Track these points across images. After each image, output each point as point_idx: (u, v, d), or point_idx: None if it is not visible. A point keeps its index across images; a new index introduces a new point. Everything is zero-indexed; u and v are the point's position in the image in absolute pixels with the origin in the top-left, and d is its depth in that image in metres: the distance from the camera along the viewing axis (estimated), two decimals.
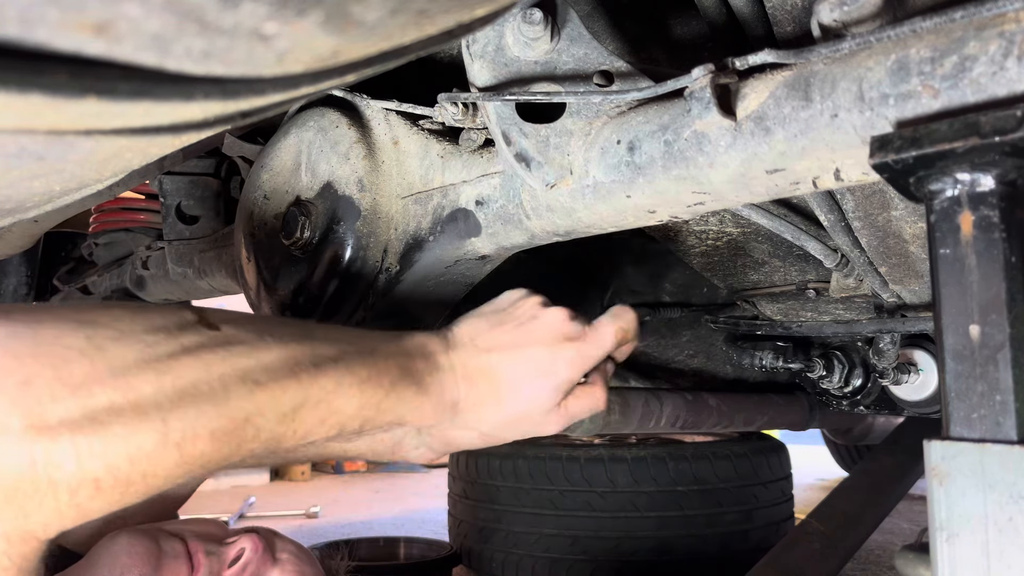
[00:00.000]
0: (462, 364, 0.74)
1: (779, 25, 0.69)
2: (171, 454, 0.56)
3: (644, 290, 1.65)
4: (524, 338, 0.75)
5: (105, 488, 0.53)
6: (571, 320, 0.77)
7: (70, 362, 0.52)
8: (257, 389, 0.60)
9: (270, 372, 0.61)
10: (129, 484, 0.55)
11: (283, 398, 0.61)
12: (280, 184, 0.96)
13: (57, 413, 0.50)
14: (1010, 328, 0.48)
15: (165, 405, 0.55)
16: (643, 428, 1.67)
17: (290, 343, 0.64)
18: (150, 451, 0.54)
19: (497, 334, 0.76)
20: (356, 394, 0.66)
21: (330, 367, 0.65)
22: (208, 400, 0.57)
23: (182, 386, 0.56)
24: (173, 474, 0.57)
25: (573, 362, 0.75)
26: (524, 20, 0.70)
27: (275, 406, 0.61)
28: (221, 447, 0.58)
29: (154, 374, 0.55)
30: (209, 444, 0.57)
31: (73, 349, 0.53)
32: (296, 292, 0.93)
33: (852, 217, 0.87)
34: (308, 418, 0.63)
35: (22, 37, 0.32)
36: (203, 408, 0.57)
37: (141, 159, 0.59)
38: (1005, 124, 0.46)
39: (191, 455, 0.57)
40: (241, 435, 0.59)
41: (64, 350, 0.52)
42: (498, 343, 0.75)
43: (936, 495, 0.49)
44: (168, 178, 1.56)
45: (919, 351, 1.44)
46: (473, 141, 0.82)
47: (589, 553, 1.94)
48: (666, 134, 0.64)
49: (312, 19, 0.35)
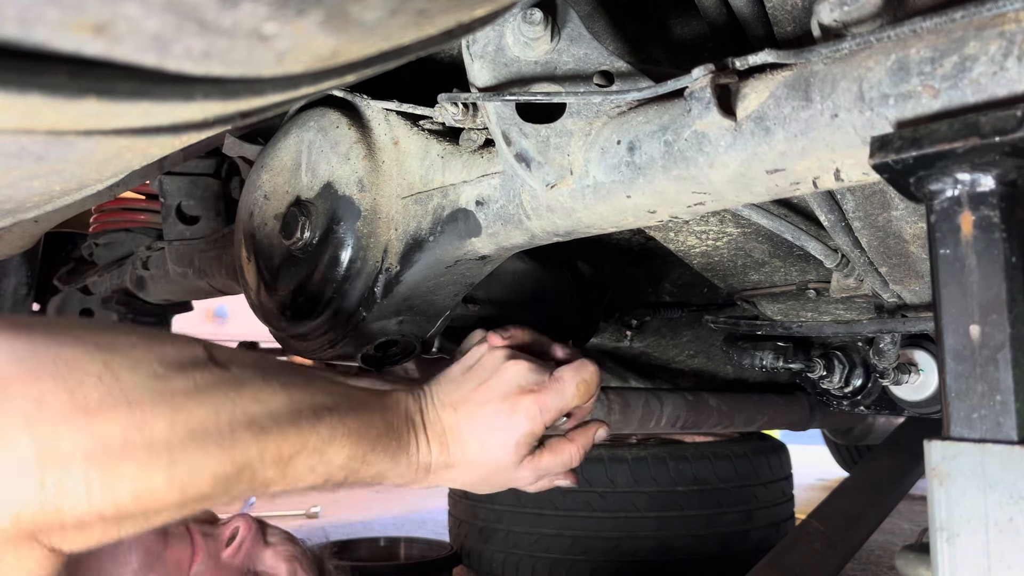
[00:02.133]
0: (432, 424, 0.77)
1: (779, 25, 0.69)
2: (174, 494, 0.56)
3: (644, 290, 1.65)
4: (486, 394, 0.78)
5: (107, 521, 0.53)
6: (531, 372, 0.80)
7: (86, 387, 0.52)
8: (262, 435, 0.60)
9: (274, 418, 0.62)
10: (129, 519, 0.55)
11: (284, 446, 0.62)
12: (280, 184, 0.96)
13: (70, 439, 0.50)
14: (1010, 328, 0.48)
15: (176, 445, 0.55)
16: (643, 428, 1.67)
17: (292, 389, 0.65)
18: (155, 490, 0.54)
19: (463, 393, 0.79)
20: (347, 445, 0.68)
21: (326, 416, 0.66)
22: (216, 443, 0.57)
23: (192, 427, 0.56)
24: (171, 514, 0.58)
25: (531, 414, 0.78)
26: (524, 20, 0.70)
27: (275, 453, 0.62)
28: (218, 489, 0.59)
29: (167, 411, 0.55)
30: (209, 486, 0.58)
31: (91, 375, 0.53)
32: (296, 292, 0.93)
33: (852, 217, 0.87)
34: (301, 466, 0.64)
35: (22, 37, 0.32)
36: (211, 451, 0.57)
37: (141, 159, 0.59)
38: (1005, 124, 0.46)
39: (191, 496, 0.57)
40: (239, 479, 0.60)
41: (82, 374, 0.52)
42: (463, 400, 0.78)
43: (936, 495, 0.49)
44: (168, 178, 1.56)
45: (919, 351, 1.43)
46: (473, 141, 0.81)
47: (589, 553, 1.94)
48: (666, 134, 0.64)
49: (312, 19, 0.35)
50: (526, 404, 0.78)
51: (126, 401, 0.53)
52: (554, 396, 0.79)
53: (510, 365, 0.80)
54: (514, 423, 0.77)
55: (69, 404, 0.51)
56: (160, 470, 0.54)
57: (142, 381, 0.55)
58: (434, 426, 0.77)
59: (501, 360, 0.81)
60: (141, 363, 0.56)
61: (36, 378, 0.51)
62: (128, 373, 0.54)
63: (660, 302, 1.66)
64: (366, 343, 0.93)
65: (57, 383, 0.51)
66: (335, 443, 0.67)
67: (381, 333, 0.92)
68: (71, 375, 0.52)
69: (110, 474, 0.52)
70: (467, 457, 0.78)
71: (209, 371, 0.60)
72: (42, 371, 0.51)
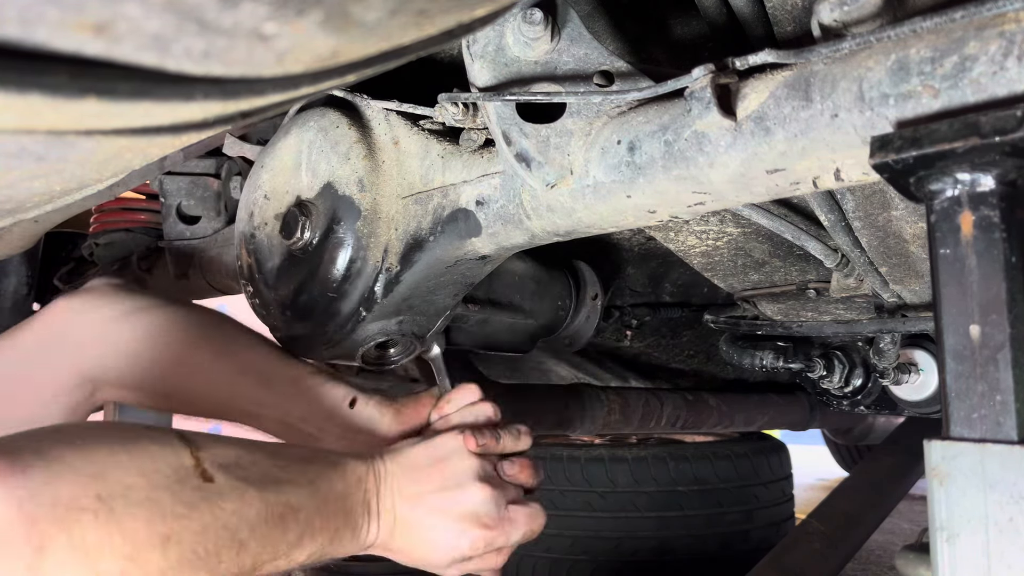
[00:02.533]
0: (386, 511, 0.80)
1: (779, 25, 0.69)
2: None
3: (644, 290, 1.65)
4: (443, 505, 0.81)
5: None
6: (492, 503, 0.82)
7: (83, 526, 0.54)
8: (242, 551, 0.64)
9: (253, 531, 0.65)
10: None
11: (260, 556, 0.66)
12: (280, 184, 0.96)
13: None
14: (1010, 328, 0.48)
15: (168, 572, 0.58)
16: (643, 428, 1.67)
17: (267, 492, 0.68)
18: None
19: (421, 491, 0.81)
20: (309, 544, 0.71)
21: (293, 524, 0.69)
22: (204, 564, 0.60)
23: (183, 553, 0.59)
24: None
25: (476, 546, 0.81)
26: (524, 20, 0.70)
27: (251, 564, 0.65)
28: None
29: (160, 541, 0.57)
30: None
31: (87, 511, 0.55)
32: (296, 292, 0.93)
33: (852, 217, 0.87)
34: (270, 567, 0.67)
35: (22, 37, 0.32)
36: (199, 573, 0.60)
37: (141, 159, 0.59)
38: (1005, 124, 0.46)
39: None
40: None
41: (78, 513, 0.54)
42: (419, 500, 0.81)
43: (936, 495, 0.49)
44: (168, 178, 1.56)
45: (919, 351, 1.44)
46: (473, 141, 0.81)
47: (589, 553, 1.94)
48: (666, 134, 0.64)
49: (312, 19, 0.35)
50: (475, 535, 0.81)
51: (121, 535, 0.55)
52: (503, 537, 0.83)
53: (474, 489, 0.82)
54: (458, 544, 0.81)
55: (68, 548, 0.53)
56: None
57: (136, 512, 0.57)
58: (387, 514, 0.80)
59: (470, 475, 0.83)
60: (132, 489, 0.58)
61: (35, 523, 0.52)
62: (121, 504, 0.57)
63: (660, 302, 1.65)
64: (366, 343, 0.93)
65: (56, 527, 0.53)
66: (302, 545, 0.70)
67: (381, 333, 0.92)
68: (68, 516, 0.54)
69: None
70: (404, 549, 0.81)
71: (195, 488, 0.62)
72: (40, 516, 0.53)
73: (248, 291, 1.01)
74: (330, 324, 0.91)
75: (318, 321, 0.91)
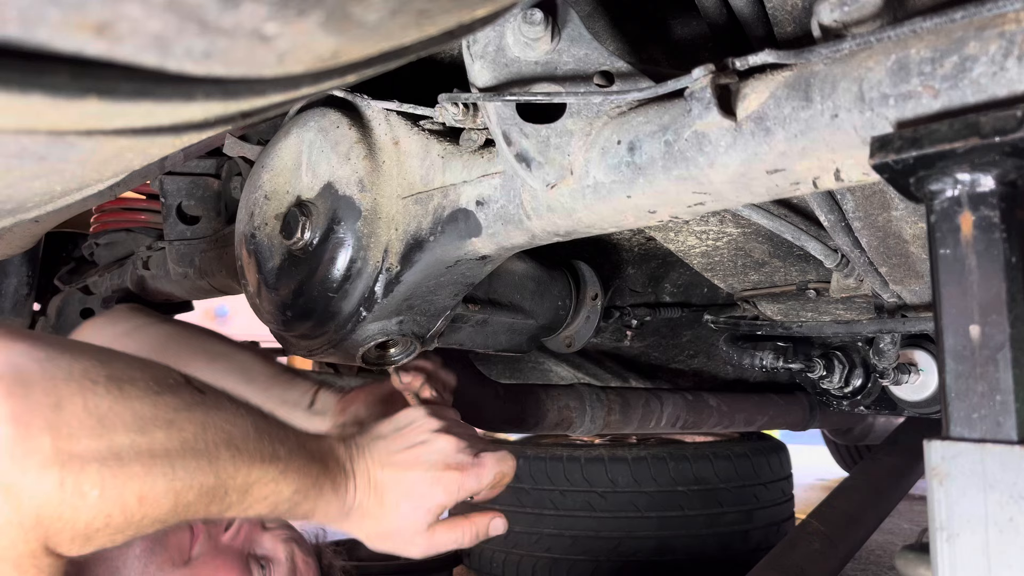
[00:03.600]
0: (360, 474, 0.82)
1: (779, 25, 0.69)
2: (168, 500, 0.60)
3: (644, 290, 1.65)
4: (412, 460, 0.83)
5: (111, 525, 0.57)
6: (458, 450, 0.85)
7: (98, 395, 0.56)
8: (237, 456, 0.65)
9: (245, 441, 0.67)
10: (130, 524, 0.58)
11: (252, 470, 0.67)
12: (281, 184, 0.96)
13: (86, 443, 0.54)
14: (1010, 328, 0.48)
15: (174, 454, 0.60)
16: (643, 428, 1.67)
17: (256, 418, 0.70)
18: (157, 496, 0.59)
19: (390, 453, 0.84)
20: (295, 479, 0.72)
21: (282, 449, 0.71)
22: (204, 457, 0.62)
23: (186, 439, 0.61)
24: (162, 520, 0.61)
25: (449, 490, 0.83)
26: (525, 20, 0.70)
27: (244, 477, 0.66)
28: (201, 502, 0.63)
29: (165, 423, 0.60)
30: (196, 496, 0.62)
31: (100, 384, 0.57)
32: (296, 292, 0.93)
33: (852, 217, 0.87)
34: (257, 494, 0.68)
35: (23, 37, 0.32)
36: (200, 463, 0.62)
37: (142, 159, 0.59)
38: (1005, 124, 0.46)
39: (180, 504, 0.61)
40: (213, 496, 0.64)
41: (91, 383, 0.56)
42: (389, 461, 0.83)
43: (936, 495, 0.49)
44: (169, 178, 1.56)
45: (919, 351, 1.44)
46: (474, 141, 0.82)
47: (590, 553, 1.94)
48: (666, 134, 0.64)
49: (312, 19, 0.35)
50: (448, 479, 0.83)
51: (131, 412, 0.57)
52: (473, 479, 0.85)
53: (440, 439, 0.85)
54: (432, 493, 0.83)
55: (83, 410, 0.54)
56: (161, 476, 0.58)
57: (141, 395, 0.59)
58: (362, 476, 0.82)
59: (432, 430, 0.86)
60: (137, 380, 0.60)
61: (55, 382, 0.54)
62: (129, 386, 0.59)
63: (660, 302, 1.65)
64: (366, 343, 0.93)
65: (72, 389, 0.55)
66: (288, 476, 0.71)
67: (381, 333, 0.92)
68: (83, 385, 0.56)
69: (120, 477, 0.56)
70: (380, 511, 0.82)
71: (190, 392, 0.65)
72: (60, 375, 0.55)
73: (248, 291, 1.01)
74: (330, 324, 0.91)
75: (318, 321, 0.92)
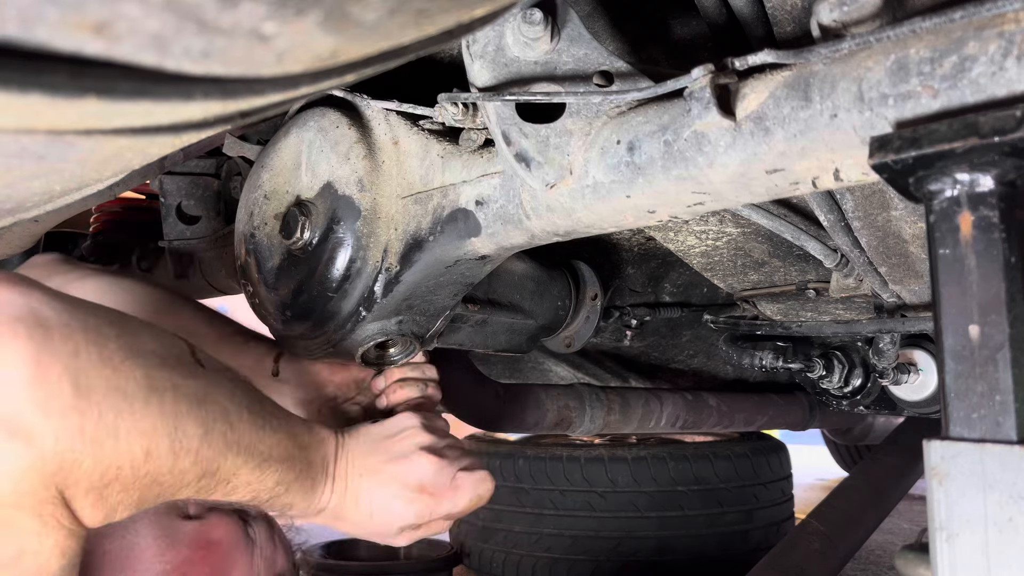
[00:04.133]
0: (341, 478, 0.83)
1: (779, 25, 0.69)
2: (169, 461, 0.61)
3: (644, 290, 1.65)
4: (391, 474, 0.85)
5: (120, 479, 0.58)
6: (437, 473, 0.86)
7: (111, 347, 0.58)
8: (231, 431, 0.67)
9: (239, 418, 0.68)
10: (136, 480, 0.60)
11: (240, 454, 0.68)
12: (280, 184, 0.96)
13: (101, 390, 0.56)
14: (1010, 328, 0.48)
15: (180, 414, 0.61)
16: (643, 428, 1.67)
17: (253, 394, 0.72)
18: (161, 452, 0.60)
19: (373, 463, 0.85)
20: (278, 469, 0.73)
21: (269, 437, 0.72)
22: (203, 424, 0.64)
23: (189, 403, 0.63)
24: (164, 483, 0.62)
25: (421, 514, 0.85)
26: (524, 20, 0.70)
27: (234, 459, 0.67)
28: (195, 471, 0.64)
29: (170, 385, 0.62)
30: (191, 463, 0.63)
31: (112, 338, 0.59)
32: (296, 292, 0.93)
33: (852, 217, 0.87)
34: (242, 478, 0.70)
35: (22, 37, 0.32)
36: (198, 429, 0.63)
37: (141, 159, 0.60)
38: (1004, 124, 0.46)
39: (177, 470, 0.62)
40: (209, 467, 0.65)
41: (106, 336, 0.59)
42: (369, 469, 0.84)
43: (936, 495, 0.49)
44: (168, 178, 1.56)
45: (919, 351, 1.44)
46: (473, 141, 0.82)
47: (590, 553, 1.94)
48: (666, 134, 0.64)
49: (311, 19, 0.35)
50: (421, 503, 0.85)
51: (142, 365, 0.59)
52: (447, 505, 0.86)
53: (422, 459, 0.86)
54: (404, 513, 0.84)
55: (99, 358, 0.56)
56: (166, 436, 0.60)
57: (150, 358, 0.61)
58: (340, 481, 0.83)
59: (416, 447, 0.86)
60: (147, 343, 0.62)
61: (72, 330, 0.56)
62: (139, 346, 0.61)
63: (660, 302, 1.65)
64: (366, 343, 0.93)
65: (88, 337, 0.57)
66: (272, 465, 0.72)
67: (381, 332, 0.92)
68: (99, 334, 0.58)
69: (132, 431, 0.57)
70: (354, 517, 0.84)
71: (193, 365, 0.66)
72: (77, 325, 0.57)
73: (248, 291, 1.01)
74: (330, 324, 0.91)
75: (318, 321, 0.91)
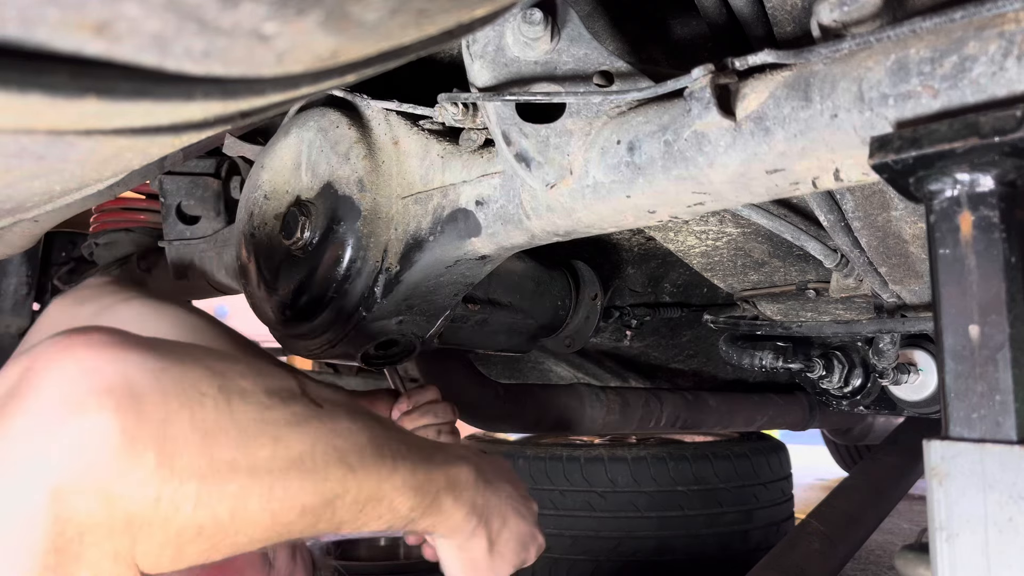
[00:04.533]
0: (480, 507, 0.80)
1: (779, 25, 0.69)
2: (264, 519, 0.59)
3: (644, 290, 1.65)
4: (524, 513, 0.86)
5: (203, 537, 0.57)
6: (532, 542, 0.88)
7: (205, 410, 0.56)
8: (349, 474, 0.64)
9: (360, 457, 0.65)
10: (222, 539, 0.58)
11: (364, 487, 0.65)
12: (280, 184, 0.96)
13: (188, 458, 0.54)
14: (1010, 328, 0.48)
15: (275, 472, 0.59)
16: (643, 428, 1.67)
17: (375, 429, 0.68)
18: (251, 513, 0.58)
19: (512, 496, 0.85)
20: (411, 495, 0.70)
21: (401, 464, 0.69)
22: (310, 475, 0.61)
23: (290, 457, 0.60)
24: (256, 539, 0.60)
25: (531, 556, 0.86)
26: (524, 20, 0.70)
27: (356, 494, 0.64)
28: (304, 521, 0.62)
29: (270, 440, 0.59)
30: (297, 517, 0.61)
31: (208, 397, 0.57)
32: (296, 292, 0.93)
33: (852, 217, 0.87)
34: (372, 511, 0.67)
35: (22, 37, 0.32)
36: (304, 483, 0.60)
37: (141, 159, 0.59)
38: (1005, 124, 0.46)
39: (278, 523, 0.60)
40: (321, 515, 0.63)
41: (200, 397, 0.56)
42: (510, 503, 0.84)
43: (936, 495, 0.49)
44: (168, 178, 1.56)
45: (919, 351, 1.44)
46: (473, 141, 0.82)
47: (589, 553, 1.94)
48: (666, 134, 0.64)
49: (312, 19, 0.35)
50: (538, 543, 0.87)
51: (236, 427, 0.57)
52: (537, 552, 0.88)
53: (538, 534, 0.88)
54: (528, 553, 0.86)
55: (189, 425, 0.55)
56: (258, 495, 0.58)
57: (250, 409, 0.59)
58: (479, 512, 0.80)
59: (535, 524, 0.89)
60: (248, 392, 0.59)
61: (165, 398, 0.54)
62: (238, 400, 0.58)
63: (660, 302, 1.66)
64: (366, 343, 0.93)
65: (181, 403, 0.55)
66: (404, 492, 0.69)
67: (381, 333, 0.92)
68: (192, 397, 0.56)
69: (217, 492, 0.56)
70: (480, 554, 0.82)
71: (304, 404, 0.63)
72: (170, 391, 0.55)
73: (248, 291, 1.01)
74: (330, 324, 0.91)
75: (318, 321, 0.91)
